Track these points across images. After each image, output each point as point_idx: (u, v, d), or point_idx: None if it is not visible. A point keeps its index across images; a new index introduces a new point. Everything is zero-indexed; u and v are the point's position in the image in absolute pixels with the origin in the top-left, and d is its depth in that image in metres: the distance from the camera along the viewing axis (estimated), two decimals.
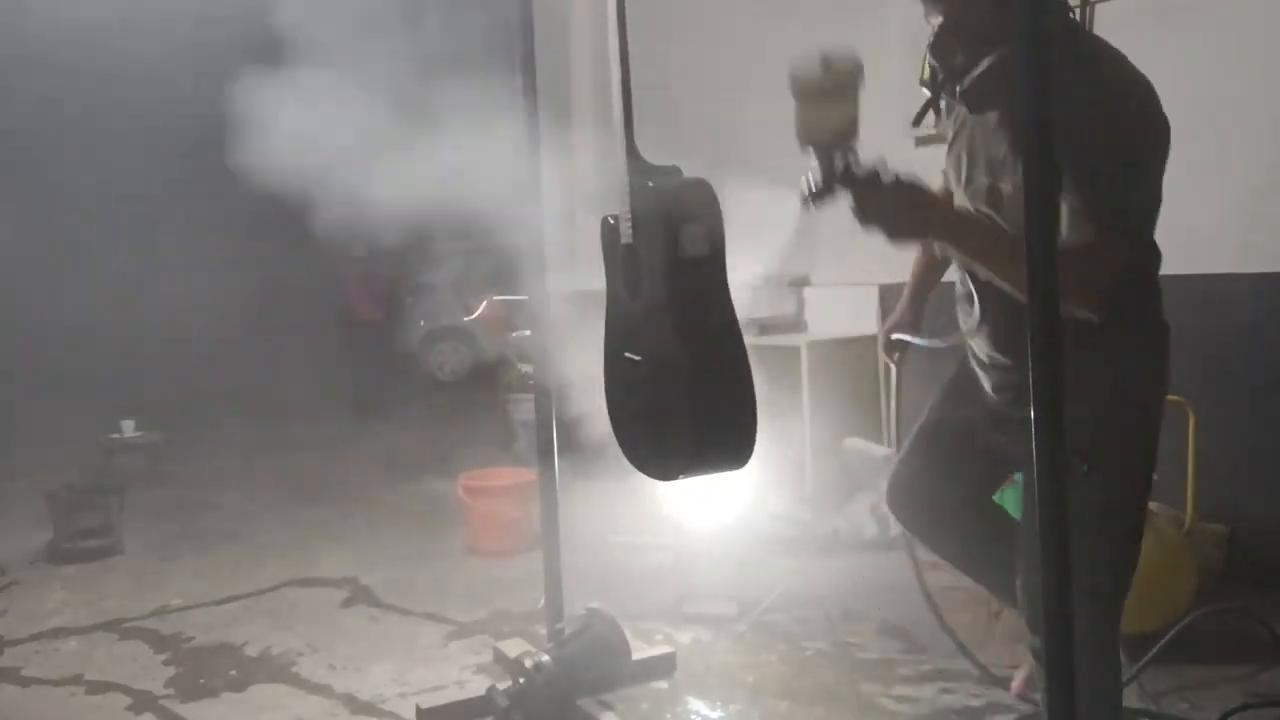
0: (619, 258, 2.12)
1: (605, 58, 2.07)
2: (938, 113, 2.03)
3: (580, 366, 2.37)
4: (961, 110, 2.00)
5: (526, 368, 6.22)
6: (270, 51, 2.77)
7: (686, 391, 1.98)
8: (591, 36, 6.23)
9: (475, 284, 10.99)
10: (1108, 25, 3.55)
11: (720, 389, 2.00)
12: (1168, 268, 3.82)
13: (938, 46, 1.92)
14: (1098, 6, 3.38)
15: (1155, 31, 3.77)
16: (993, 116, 1.90)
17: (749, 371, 2.04)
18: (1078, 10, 3.35)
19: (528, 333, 3.01)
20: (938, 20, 1.89)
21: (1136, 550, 2.02)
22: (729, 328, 2.03)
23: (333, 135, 2.76)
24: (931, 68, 1.96)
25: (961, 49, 1.89)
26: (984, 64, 1.86)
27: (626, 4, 2.05)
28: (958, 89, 1.91)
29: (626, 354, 2.12)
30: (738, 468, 2.06)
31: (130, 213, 8.61)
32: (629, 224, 2.06)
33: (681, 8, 5.26)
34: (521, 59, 2.90)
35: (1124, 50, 3.34)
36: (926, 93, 2.04)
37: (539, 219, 2.97)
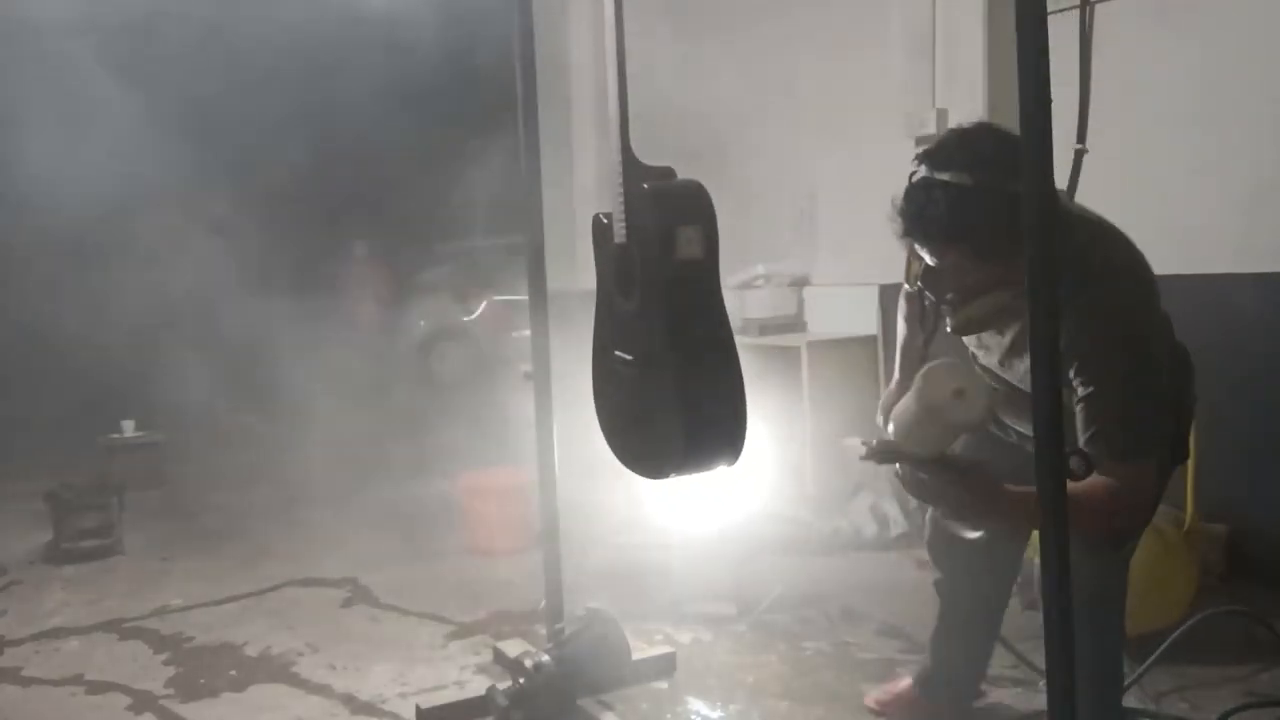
0: (611, 256, 2.13)
1: (604, 57, 2.07)
2: (922, 316, 2.10)
3: (579, 366, 2.37)
4: None
5: (526, 368, 6.22)
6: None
7: (676, 391, 1.98)
8: (592, 34, 6.23)
9: (475, 284, 11.00)
10: (1108, 25, 3.55)
11: (710, 388, 2.00)
12: (1168, 268, 3.83)
13: (929, 280, 1.97)
14: (1098, 6, 3.38)
15: (1155, 32, 3.78)
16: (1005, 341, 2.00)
17: (739, 371, 2.04)
18: (1078, 10, 3.35)
19: (527, 333, 3.01)
20: (932, 260, 1.91)
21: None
22: (720, 328, 2.04)
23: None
24: (919, 284, 2.02)
25: (953, 289, 1.94)
26: (975, 304, 1.92)
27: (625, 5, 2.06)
28: (947, 318, 1.98)
29: (617, 352, 2.12)
30: (727, 466, 2.06)
31: (130, 209, 8.60)
32: (622, 223, 2.06)
33: (681, 9, 5.27)
34: (521, 58, 2.89)
35: (1123, 50, 3.43)
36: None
37: (539, 219, 2.97)
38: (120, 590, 4.14)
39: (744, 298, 5.12)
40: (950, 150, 1.84)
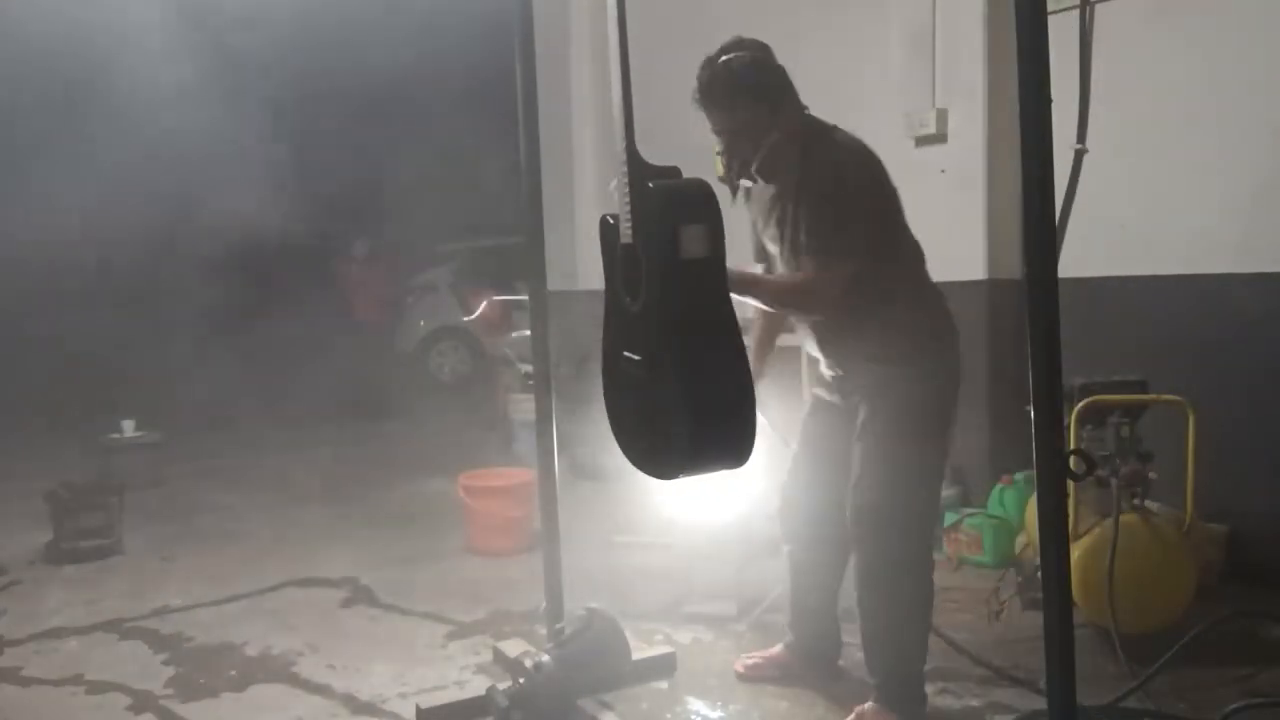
0: (618, 257, 2.12)
1: (605, 56, 2.07)
2: (734, 193, 2.65)
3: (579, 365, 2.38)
4: (754, 189, 2.69)
5: (526, 368, 6.22)
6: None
7: (685, 391, 1.98)
8: (592, 34, 6.23)
9: (475, 284, 11.00)
10: (1107, 27, 3.55)
11: (718, 388, 2.00)
12: (1168, 268, 3.84)
13: (726, 151, 2.58)
14: (1097, 7, 3.38)
15: (1155, 33, 3.79)
16: (771, 189, 2.63)
17: (748, 371, 2.04)
18: (1078, 10, 3.35)
19: (527, 333, 3.01)
20: (723, 136, 2.57)
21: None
22: (727, 327, 2.03)
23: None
24: (726, 165, 2.60)
25: (742, 150, 2.56)
26: (762, 148, 2.54)
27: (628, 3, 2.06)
28: (752, 170, 2.56)
29: (626, 353, 2.12)
30: (737, 467, 2.06)
31: (129, 210, 8.62)
32: (628, 224, 2.06)
33: (682, 8, 5.27)
34: (521, 58, 2.89)
35: (1125, 51, 3.52)
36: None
37: (539, 219, 2.97)
38: (120, 590, 4.14)
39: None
40: (725, 48, 2.58)
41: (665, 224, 1.99)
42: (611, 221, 2.13)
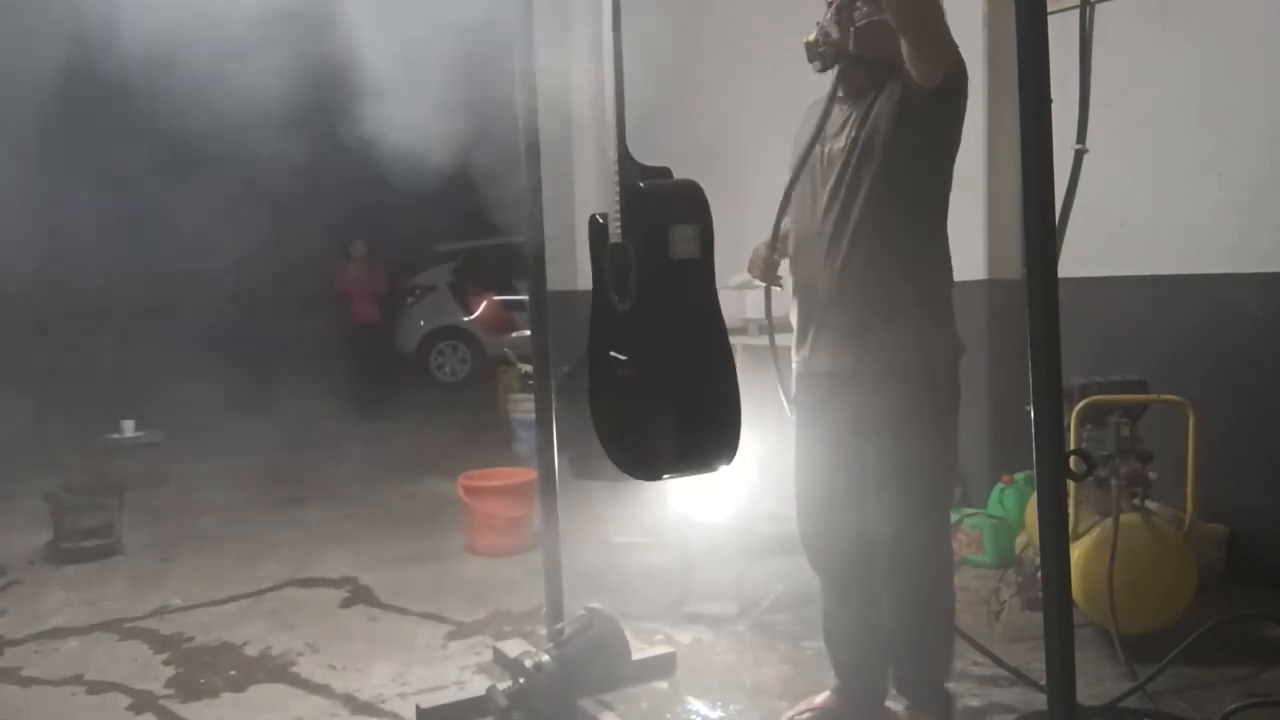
0: (607, 256, 2.12)
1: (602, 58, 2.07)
2: (824, 66, 2.48)
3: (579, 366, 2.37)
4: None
5: (526, 368, 6.23)
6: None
7: (671, 391, 1.98)
8: (591, 36, 6.22)
9: (475, 284, 11.01)
10: (1107, 27, 3.55)
11: (705, 389, 2.00)
12: (1168, 268, 3.83)
13: (838, 11, 2.46)
14: (1098, 7, 3.38)
15: (1155, 32, 3.78)
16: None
17: (734, 373, 2.03)
18: (1078, 10, 3.35)
19: (528, 333, 3.01)
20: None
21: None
22: (715, 328, 2.03)
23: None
24: (822, 30, 2.46)
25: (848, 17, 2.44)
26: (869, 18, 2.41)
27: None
28: (851, 38, 2.41)
29: (612, 353, 2.12)
30: (721, 468, 2.05)
31: (130, 211, 8.63)
32: (618, 223, 2.06)
33: (680, 10, 5.26)
34: (522, 58, 2.89)
35: (1125, 51, 3.48)
36: None
37: (539, 219, 2.97)
38: (120, 590, 4.14)
39: (744, 298, 5.11)
40: None
41: (656, 224, 1.98)
42: (601, 220, 2.13)
